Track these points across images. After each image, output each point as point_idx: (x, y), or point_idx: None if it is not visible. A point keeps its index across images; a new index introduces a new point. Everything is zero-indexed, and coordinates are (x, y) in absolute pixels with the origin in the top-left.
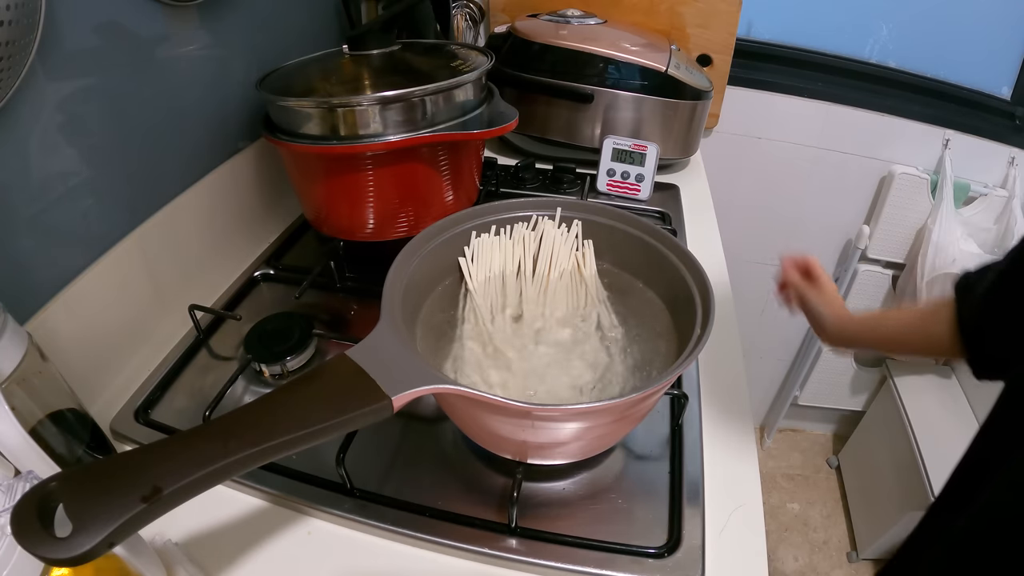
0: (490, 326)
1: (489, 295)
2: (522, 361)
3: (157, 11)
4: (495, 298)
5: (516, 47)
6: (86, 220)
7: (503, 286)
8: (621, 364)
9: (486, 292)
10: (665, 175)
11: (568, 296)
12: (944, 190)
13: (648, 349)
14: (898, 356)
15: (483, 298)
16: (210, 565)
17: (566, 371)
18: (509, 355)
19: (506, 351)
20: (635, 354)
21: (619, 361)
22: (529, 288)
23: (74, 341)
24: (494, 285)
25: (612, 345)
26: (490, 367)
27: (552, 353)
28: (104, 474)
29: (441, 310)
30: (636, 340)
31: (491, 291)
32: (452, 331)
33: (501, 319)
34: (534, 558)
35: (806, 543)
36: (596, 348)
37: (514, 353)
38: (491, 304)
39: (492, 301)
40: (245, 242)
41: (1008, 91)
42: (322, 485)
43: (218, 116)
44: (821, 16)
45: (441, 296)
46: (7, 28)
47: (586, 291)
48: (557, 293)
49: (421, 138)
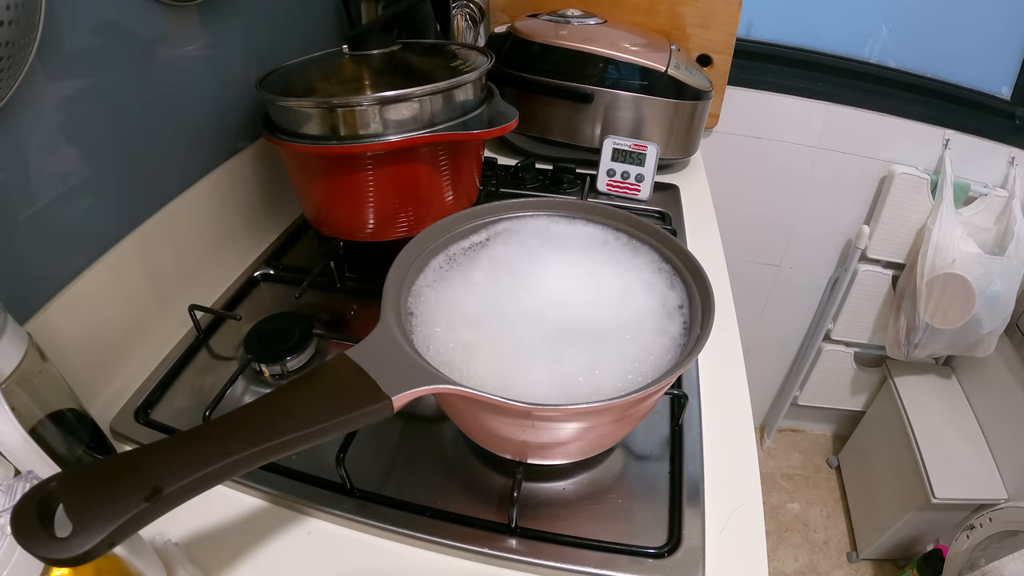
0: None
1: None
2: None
3: (157, 11)
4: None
5: (516, 47)
6: (86, 220)
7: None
8: None
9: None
10: (665, 175)
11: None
12: (944, 190)
13: None
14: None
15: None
16: (210, 565)
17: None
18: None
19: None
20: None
21: None
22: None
23: (74, 341)
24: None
25: None
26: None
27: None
28: (104, 474)
29: None
30: None
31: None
32: None
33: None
34: (534, 558)
35: (806, 543)
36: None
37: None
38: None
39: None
40: (245, 242)
41: (1008, 91)
42: (322, 485)
43: (218, 116)
44: (821, 16)
45: None
46: (7, 28)
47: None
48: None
49: (421, 138)
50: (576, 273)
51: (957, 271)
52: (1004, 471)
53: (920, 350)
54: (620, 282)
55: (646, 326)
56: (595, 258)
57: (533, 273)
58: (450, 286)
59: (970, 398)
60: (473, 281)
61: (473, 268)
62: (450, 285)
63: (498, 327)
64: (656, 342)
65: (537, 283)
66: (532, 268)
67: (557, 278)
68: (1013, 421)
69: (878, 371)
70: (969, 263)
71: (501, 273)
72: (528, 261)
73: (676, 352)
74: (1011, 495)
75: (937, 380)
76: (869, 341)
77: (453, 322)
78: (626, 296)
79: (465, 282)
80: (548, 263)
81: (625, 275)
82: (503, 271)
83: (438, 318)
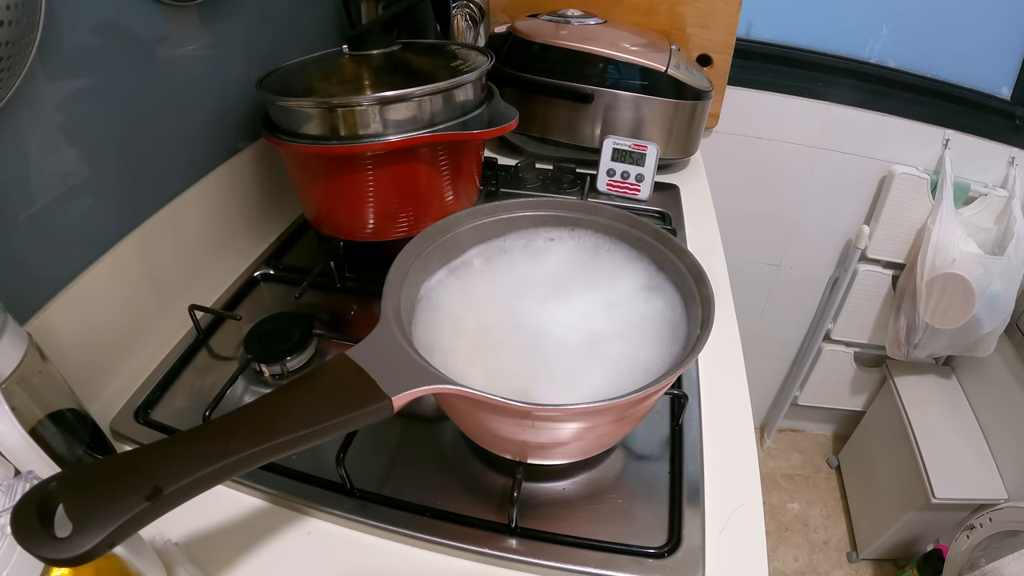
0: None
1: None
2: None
3: (157, 11)
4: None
5: (516, 47)
6: (86, 220)
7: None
8: None
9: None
10: (665, 175)
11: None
12: (944, 190)
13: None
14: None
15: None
16: (210, 565)
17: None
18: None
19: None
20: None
21: None
22: None
23: (74, 341)
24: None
25: None
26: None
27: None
28: (104, 474)
29: None
30: None
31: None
32: None
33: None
34: (534, 558)
35: (806, 543)
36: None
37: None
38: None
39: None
40: (245, 242)
41: (1008, 91)
42: (322, 485)
43: (218, 116)
44: (821, 16)
45: None
46: (7, 28)
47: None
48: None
49: (421, 138)
50: (576, 273)
51: (957, 271)
52: (1004, 471)
53: (920, 350)
54: (620, 282)
55: (646, 326)
56: (595, 258)
57: (533, 273)
58: (450, 286)
59: (970, 398)
60: (473, 281)
61: (473, 268)
62: (450, 285)
63: (498, 327)
64: (656, 342)
65: (537, 282)
66: (532, 268)
67: (557, 278)
68: (1013, 421)
69: (878, 371)
70: (969, 263)
71: (501, 273)
72: (528, 261)
73: (676, 352)
74: (1011, 495)
75: (937, 380)
76: (869, 341)
77: (454, 322)
78: (626, 296)
79: (465, 282)
80: (548, 263)
81: (626, 275)
82: (503, 271)
83: (438, 318)
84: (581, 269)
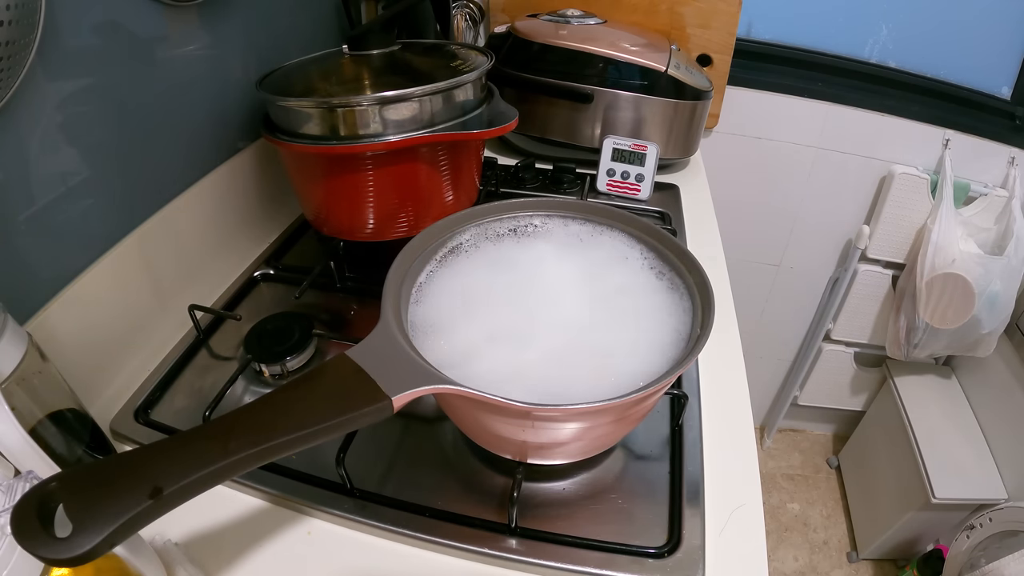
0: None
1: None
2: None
3: (157, 11)
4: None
5: (516, 47)
6: (86, 220)
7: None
8: None
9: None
10: (665, 175)
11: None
12: (944, 190)
13: None
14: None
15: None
16: (210, 565)
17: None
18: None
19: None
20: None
21: None
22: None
23: (74, 341)
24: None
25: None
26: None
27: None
28: (104, 474)
29: None
30: None
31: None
32: None
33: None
34: (534, 558)
35: (806, 543)
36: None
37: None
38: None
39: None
40: (245, 242)
41: (1008, 91)
42: (322, 485)
43: (218, 116)
44: (821, 16)
45: None
46: (7, 28)
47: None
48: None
49: (421, 138)
50: (575, 274)
51: (957, 271)
52: (1004, 471)
53: (920, 350)
54: (620, 283)
55: (646, 326)
56: (594, 259)
57: (533, 273)
58: (451, 286)
59: (970, 398)
60: (473, 281)
61: (473, 269)
62: (450, 285)
63: (498, 327)
64: (656, 342)
65: (537, 283)
66: (532, 268)
67: (557, 279)
68: (1013, 421)
69: (878, 371)
70: (969, 263)
71: (501, 274)
72: (528, 261)
73: (676, 352)
74: (1011, 495)
75: (937, 380)
76: (869, 341)
77: (454, 321)
78: (626, 297)
79: (465, 282)
80: (548, 264)
81: (625, 276)
82: (503, 271)
83: (439, 317)
84: (580, 269)
